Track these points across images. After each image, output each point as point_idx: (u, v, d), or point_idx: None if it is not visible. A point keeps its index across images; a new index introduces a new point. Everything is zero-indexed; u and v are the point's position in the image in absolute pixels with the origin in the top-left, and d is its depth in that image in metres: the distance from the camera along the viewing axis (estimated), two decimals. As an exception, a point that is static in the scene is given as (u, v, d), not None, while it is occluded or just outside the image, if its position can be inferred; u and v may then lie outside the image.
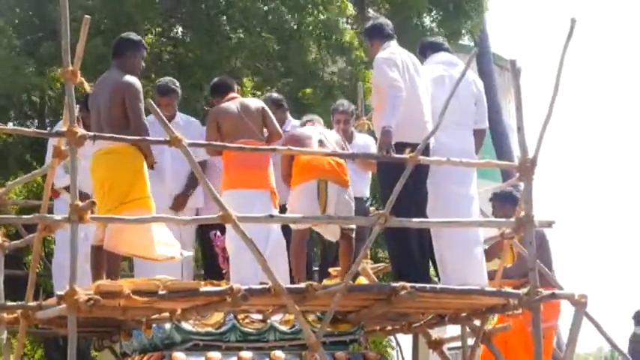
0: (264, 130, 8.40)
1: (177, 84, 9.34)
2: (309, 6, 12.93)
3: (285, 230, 8.32)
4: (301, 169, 8.08)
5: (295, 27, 12.91)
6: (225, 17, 13.27)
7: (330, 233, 8.25)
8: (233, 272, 7.99)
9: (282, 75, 13.13)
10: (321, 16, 12.92)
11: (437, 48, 8.45)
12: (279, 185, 8.38)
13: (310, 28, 12.98)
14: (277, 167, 8.42)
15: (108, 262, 7.65)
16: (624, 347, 8.43)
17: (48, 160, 8.72)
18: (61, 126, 8.24)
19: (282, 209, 8.37)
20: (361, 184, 9.13)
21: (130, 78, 7.66)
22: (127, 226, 7.34)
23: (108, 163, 7.53)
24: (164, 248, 7.63)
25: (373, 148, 8.68)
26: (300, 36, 12.90)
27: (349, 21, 14.15)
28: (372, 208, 9.08)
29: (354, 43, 13.34)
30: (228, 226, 7.28)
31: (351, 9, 13.55)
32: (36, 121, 14.33)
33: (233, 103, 8.36)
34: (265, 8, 13.29)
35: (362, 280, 7.81)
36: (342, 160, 8.10)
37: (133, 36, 8.04)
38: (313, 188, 7.99)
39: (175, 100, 9.24)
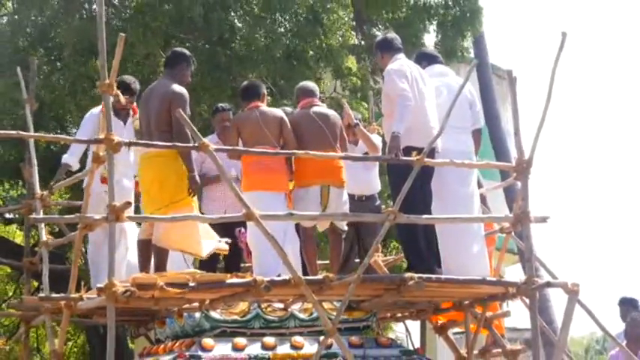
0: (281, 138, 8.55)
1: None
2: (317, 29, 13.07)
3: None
4: (305, 169, 8.45)
5: (300, 49, 13.03)
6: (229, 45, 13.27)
7: (322, 226, 8.74)
8: (255, 265, 8.21)
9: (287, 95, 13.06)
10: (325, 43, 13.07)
11: (432, 60, 8.84)
12: None
13: (312, 52, 13.10)
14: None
15: (156, 257, 7.95)
16: (614, 331, 8.87)
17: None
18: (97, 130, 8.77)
19: None
20: (374, 182, 9.49)
21: (178, 87, 8.00)
22: (176, 224, 7.59)
23: (157, 166, 7.87)
24: (207, 244, 7.99)
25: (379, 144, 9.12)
26: (303, 58, 13.06)
27: (352, 42, 14.14)
28: (382, 206, 9.38)
29: (352, 69, 13.46)
30: (250, 224, 7.62)
31: (354, 38, 13.61)
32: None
33: (254, 111, 8.56)
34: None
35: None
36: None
37: (186, 51, 8.45)
38: (317, 193, 8.38)
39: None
